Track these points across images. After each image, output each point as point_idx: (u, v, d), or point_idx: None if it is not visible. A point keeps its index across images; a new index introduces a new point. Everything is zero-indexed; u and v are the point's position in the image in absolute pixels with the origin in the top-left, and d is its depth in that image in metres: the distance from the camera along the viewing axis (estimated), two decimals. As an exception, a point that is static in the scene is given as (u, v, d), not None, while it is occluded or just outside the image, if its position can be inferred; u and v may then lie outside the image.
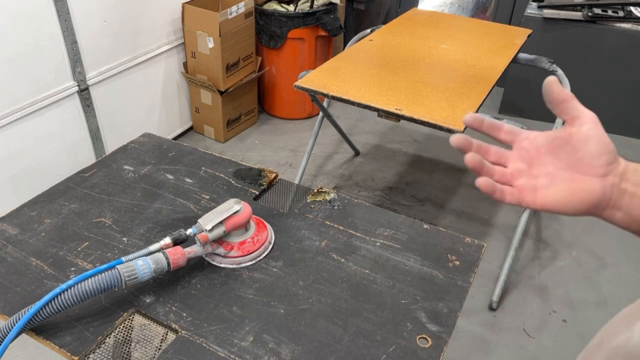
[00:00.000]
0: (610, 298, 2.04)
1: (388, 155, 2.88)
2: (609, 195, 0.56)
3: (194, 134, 3.04)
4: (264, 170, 1.26)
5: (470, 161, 0.61)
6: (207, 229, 0.94)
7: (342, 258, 1.02)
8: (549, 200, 0.58)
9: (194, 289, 0.95)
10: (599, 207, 0.57)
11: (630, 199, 0.56)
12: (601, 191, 0.56)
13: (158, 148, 1.35)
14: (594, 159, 0.56)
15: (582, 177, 0.57)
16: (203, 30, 2.60)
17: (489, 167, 0.61)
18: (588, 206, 0.57)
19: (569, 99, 0.57)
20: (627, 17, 2.79)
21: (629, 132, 3.06)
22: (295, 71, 2.85)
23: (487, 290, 2.05)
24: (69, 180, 1.22)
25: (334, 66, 1.86)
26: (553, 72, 2.11)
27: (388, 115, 1.61)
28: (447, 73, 1.85)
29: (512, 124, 0.66)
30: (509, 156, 0.62)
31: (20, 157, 2.08)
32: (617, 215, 0.57)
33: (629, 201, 0.56)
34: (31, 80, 2.02)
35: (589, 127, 0.56)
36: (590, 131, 0.56)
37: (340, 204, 1.16)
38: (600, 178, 0.56)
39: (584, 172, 0.57)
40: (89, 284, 0.84)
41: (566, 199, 0.57)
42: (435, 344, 0.85)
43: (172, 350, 0.84)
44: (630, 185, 0.56)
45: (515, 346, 1.85)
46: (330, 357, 0.83)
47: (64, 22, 2.06)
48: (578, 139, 0.57)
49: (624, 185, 0.56)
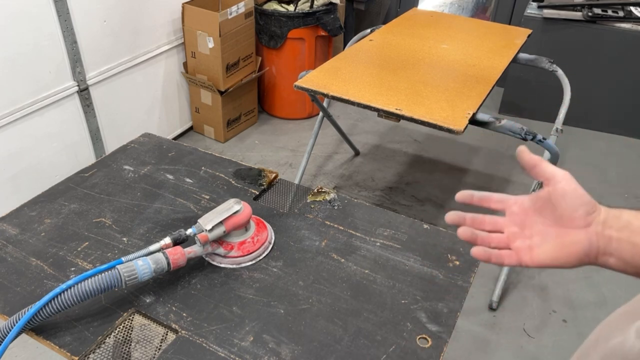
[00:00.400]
0: (610, 298, 2.04)
1: (388, 155, 2.88)
2: (596, 243, 0.59)
3: (194, 134, 3.04)
4: (264, 170, 1.26)
5: (462, 235, 0.67)
6: (207, 229, 0.94)
7: (342, 258, 1.02)
8: (542, 257, 0.62)
9: (194, 289, 0.95)
10: (590, 256, 0.60)
11: (618, 244, 0.59)
12: (587, 242, 0.59)
13: (158, 148, 1.35)
14: (573, 212, 0.60)
15: (567, 231, 0.61)
16: (203, 30, 2.60)
17: (483, 237, 0.67)
18: (579, 257, 0.60)
19: (539, 162, 0.63)
20: (627, 17, 2.79)
21: (629, 132, 3.06)
22: (295, 71, 2.85)
23: (487, 290, 2.05)
24: (69, 180, 1.22)
25: (334, 66, 1.86)
26: (553, 72, 2.11)
27: (388, 115, 1.61)
28: (447, 73, 1.85)
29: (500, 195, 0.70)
30: (503, 222, 0.67)
31: (20, 157, 2.08)
32: (611, 261, 0.60)
33: (617, 246, 0.59)
34: (31, 80, 2.02)
35: (562, 185, 0.61)
36: (565, 188, 0.61)
37: (340, 204, 1.16)
38: (584, 229, 0.60)
39: (568, 226, 0.61)
40: (89, 284, 0.84)
41: (557, 254, 0.61)
42: (435, 344, 0.85)
43: (172, 350, 0.84)
44: (615, 232, 0.59)
45: (515, 346, 1.85)
46: (330, 357, 0.83)
47: (64, 22, 2.06)
48: (556, 197, 0.61)
49: (608, 232, 0.59)
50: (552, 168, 0.62)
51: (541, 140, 1.66)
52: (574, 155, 2.89)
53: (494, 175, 2.74)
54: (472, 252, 0.66)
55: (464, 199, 0.69)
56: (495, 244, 0.66)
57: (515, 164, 2.81)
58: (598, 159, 2.87)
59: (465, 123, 1.53)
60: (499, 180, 2.72)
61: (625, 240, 0.58)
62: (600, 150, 2.97)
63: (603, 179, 2.72)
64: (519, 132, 1.62)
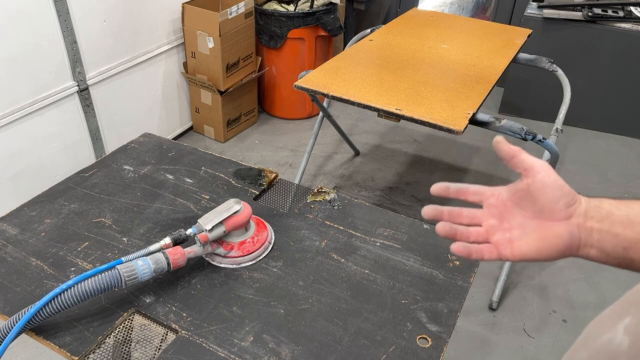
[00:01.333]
0: (610, 298, 2.04)
1: (388, 155, 2.88)
2: (577, 235, 0.58)
3: (194, 134, 3.04)
4: (264, 170, 1.26)
5: (441, 230, 0.65)
6: (207, 229, 0.94)
7: (342, 258, 1.02)
8: (524, 250, 0.60)
9: (194, 289, 0.95)
10: (571, 249, 0.59)
11: (599, 235, 0.57)
12: (568, 234, 0.58)
13: (158, 148, 1.35)
14: (554, 204, 0.58)
15: (548, 223, 0.59)
16: (203, 30, 2.60)
17: (462, 231, 0.65)
18: (560, 249, 0.59)
19: (517, 153, 0.61)
20: (627, 17, 2.79)
21: (629, 132, 3.06)
22: (295, 71, 2.85)
23: (487, 290, 2.05)
24: (69, 180, 1.22)
25: (334, 66, 1.86)
26: (553, 72, 2.11)
27: (388, 115, 1.61)
28: (447, 73, 1.85)
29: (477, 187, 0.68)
30: (481, 215, 0.65)
31: (20, 157, 2.08)
32: (592, 252, 0.58)
33: (599, 237, 0.58)
34: (31, 80, 2.02)
35: (542, 176, 0.59)
36: (544, 179, 0.59)
37: (340, 204, 1.16)
38: (565, 221, 0.58)
39: (549, 218, 0.59)
40: (89, 284, 0.84)
41: (538, 247, 0.59)
42: (435, 344, 0.85)
43: (172, 350, 0.84)
44: (596, 223, 0.58)
45: (515, 346, 1.85)
46: (330, 357, 0.83)
47: (63, 22, 2.06)
48: (535, 189, 0.59)
49: (589, 223, 0.58)
50: (531, 159, 0.61)
51: (541, 140, 1.66)
52: (574, 155, 2.89)
53: (494, 175, 2.74)
54: (452, 249, 0.64)
55: (440, 191, 0.67)
56: (474, 238, 0.64)
57: (515, 164, 2.81)
58: (598, 159, 2.87)
59: (465, 123, 1.54)
60: (498, 180, 2.72)
61: (607, 231, 0.57)
62: (600, 150, 2.97)
63: (603, 178, 2.72)
64: (519, 132, 1.62)
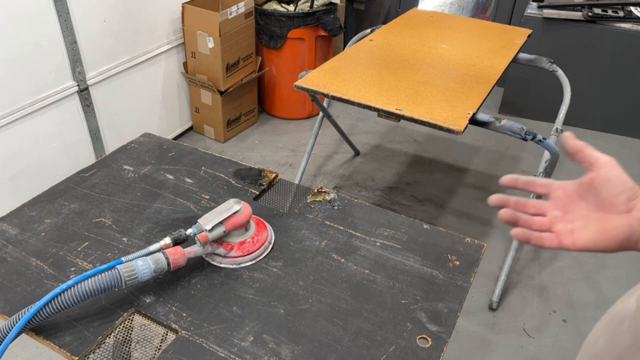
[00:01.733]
0: (610, 298, 2.04)
1: (388, 155, 2.88)
2: (637, 229, 0.60)
3: (194, 134, 3.04)
4: (264, 170, 1.26)
5: (504, 215, 0.68)
6: (207, 229, 0.94)
7: (342, 258, 1.02)
8: (583, 241, 0.63)
9: (194, 289, 0.95)
10: (630, 242, 0.61)
11: None
12: (628, 227, 0.60)
13: (158, 148, 1.35)
14: (615, 198, 0.61)
15: (609, 216, 0.62)
16: (203, 30, 2.60)
17: (525, 219, 0.68)
18: (619, 242, 0.61)
19: (583, 148, 0.64)
20: (627, 17, 2.79)
21: (629, 132, 3.06)
22: (295, 71, 2.85)
23: (487, 290, 2.05)
24: (69, 180, 1.22)
25: (334, 66, 1.86)
26: (553, 72, 2.11)
27: (388, 115, 1.61)
28: (447, 73, 1.85)
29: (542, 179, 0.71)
30: (546, 206, 0.68)
31: (20, 157, 2.08)
32: None
33: None
34: (31, 80, 2.02)
35: (606, 171, 0.62)
36: (608, 174, 0.62)
37: (340, 204, 1.16)
38: (625, 215, 0.61)
39: (610, 211, 0.62)
40: (89, 284, 0.84)
41: (598, 238, 0.62)
42: (435, 344, 0.85)
43: (172, 350, 0.84)
44: None
45: (515, 346, 1.85)
46: (330, 357, 0.83)
47: (63, 22, 2.06)
48: (599, 183, 0.62)
49: None
50: (596, 154, 0.63)
51: (541, 140, 1.66)
52: (574, 155, 2.89)
53: (494, 175, 2.74)
54: (512, 233, 0.67)
55: (509, 182, 0.71)
56: (537, 227, 0.67)
57: (515, 163, 2.81)
58: (598, 159, 2.87)
59: (465, 123, 1.54)
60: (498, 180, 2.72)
61: None
62: (600, 150, 2.95)
63: (603, 179, 2.71)
64: (519, 132, 1.62)
